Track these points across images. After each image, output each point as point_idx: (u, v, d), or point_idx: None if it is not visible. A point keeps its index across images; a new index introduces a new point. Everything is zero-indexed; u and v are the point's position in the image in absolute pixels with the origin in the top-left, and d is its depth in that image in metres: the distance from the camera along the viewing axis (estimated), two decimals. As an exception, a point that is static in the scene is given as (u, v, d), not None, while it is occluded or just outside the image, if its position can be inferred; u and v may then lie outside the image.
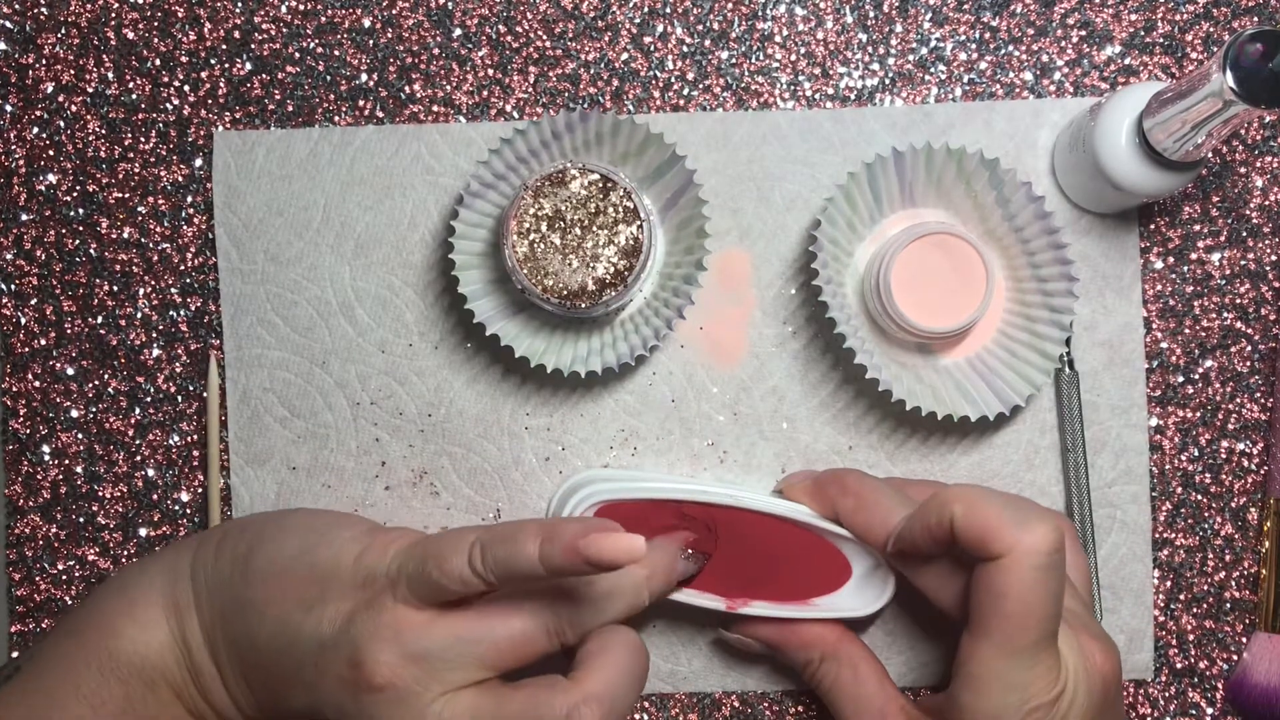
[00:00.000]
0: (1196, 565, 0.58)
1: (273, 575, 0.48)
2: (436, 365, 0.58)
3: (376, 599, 0.46)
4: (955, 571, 0.48)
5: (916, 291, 0.53)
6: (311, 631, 0.47)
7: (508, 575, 0.45)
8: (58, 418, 0.59)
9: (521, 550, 0.45)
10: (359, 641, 0.46)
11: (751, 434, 0.57)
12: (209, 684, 0.50)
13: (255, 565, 0.49)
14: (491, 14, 0.58)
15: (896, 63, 0.58)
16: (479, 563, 0.45)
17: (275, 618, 0.48)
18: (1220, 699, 0.58)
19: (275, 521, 0.51)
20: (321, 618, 0.47)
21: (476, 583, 0.45)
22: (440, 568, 0.45)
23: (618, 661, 0.47)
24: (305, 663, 0.47)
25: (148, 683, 0.49)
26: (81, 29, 0.59)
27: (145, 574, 0.51)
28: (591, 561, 0.44)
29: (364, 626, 0.46)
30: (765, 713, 0.58)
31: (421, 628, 0.46)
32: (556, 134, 0.54)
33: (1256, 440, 0.57)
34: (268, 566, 0.49)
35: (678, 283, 0.55)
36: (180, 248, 0.59)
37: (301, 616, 0.47)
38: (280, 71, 0.59)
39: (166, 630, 0.49)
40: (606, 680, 0.46)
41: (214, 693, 0.50)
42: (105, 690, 0.48)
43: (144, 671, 0.49)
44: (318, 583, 0.48)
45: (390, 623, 0.46)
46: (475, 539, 0.46)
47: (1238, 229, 0.57)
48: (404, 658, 0.45)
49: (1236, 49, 0.44)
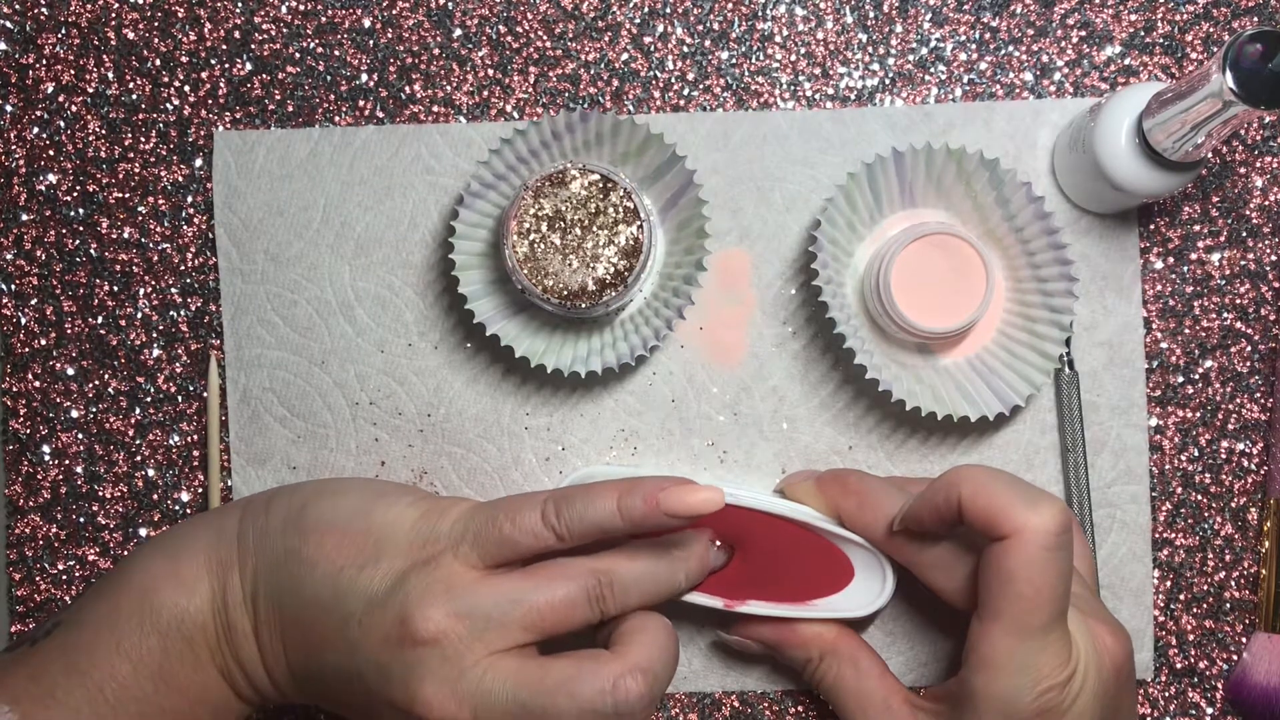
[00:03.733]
0: (1196, 565, 0.58)
1: (326, 530, 0.49)
2: (436, 365, 0.58)
3: (434, 557, 0.47)
4: (960, 556, 0.48)
5: (916, 291, 0.53)
6: (364, 588, 0.47)
7: (583, 528, 0.47)
8: (58, 418, 0.59)
9: (601, 503, 0.47)
10: (411, 596, 0.46)
11: (751, 434, 0.57)
12: (241, 642, 0.50)
13: (309, 519, 0.49)
14: (491, 14, 0.58)
15: (896, 63, 0.58)
16: (553, 515, 0.47)
17: (326, 573, 0.48)
18: (1220, 699, 0.58)
19: (334, 482, 0.52)
20: (374, 575, 0.47)
21: (549, 536, 0.47)
22: (513, 519, 0.47)
23: (658, 639, 0.48)
24: (350, 619, 0.47)
25: (186, 639, 0.49)
26: (81, 29, 0.59)
27: (191, 532, 0.51)
28: (671, 512, 0.46)
29: (417, 582, 0.46)
30: (765, 713, 0.58)
31: (472, 584, 0.46)
32: (556, 134, 0.54)
33: (1256, 440, 0.57)
34: (321, 522, 0.49)
35: (678, 283, 0.55)
36: (180, 248, 0.59)
37: (354, 573, 0.47)
38: (280, 71, 0.59)
39: (208, 588, 0.49)
40: (649, 655, 0.47)
41: (245, 651, 0.50)
42: (144, 645, 0.48)
43: (183, 628, 0.49)
44: (374, 541, 0.48)
45: (443, 578, 0.46)
46: (549, 495, 0.48)
47: (1238, 229, 0.57)
48: (452, 614, 0.46)
49: (1236, 49, 0.44)
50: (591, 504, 0.47)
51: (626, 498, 0.47)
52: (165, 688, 0.48)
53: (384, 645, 0.46)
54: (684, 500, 0.46)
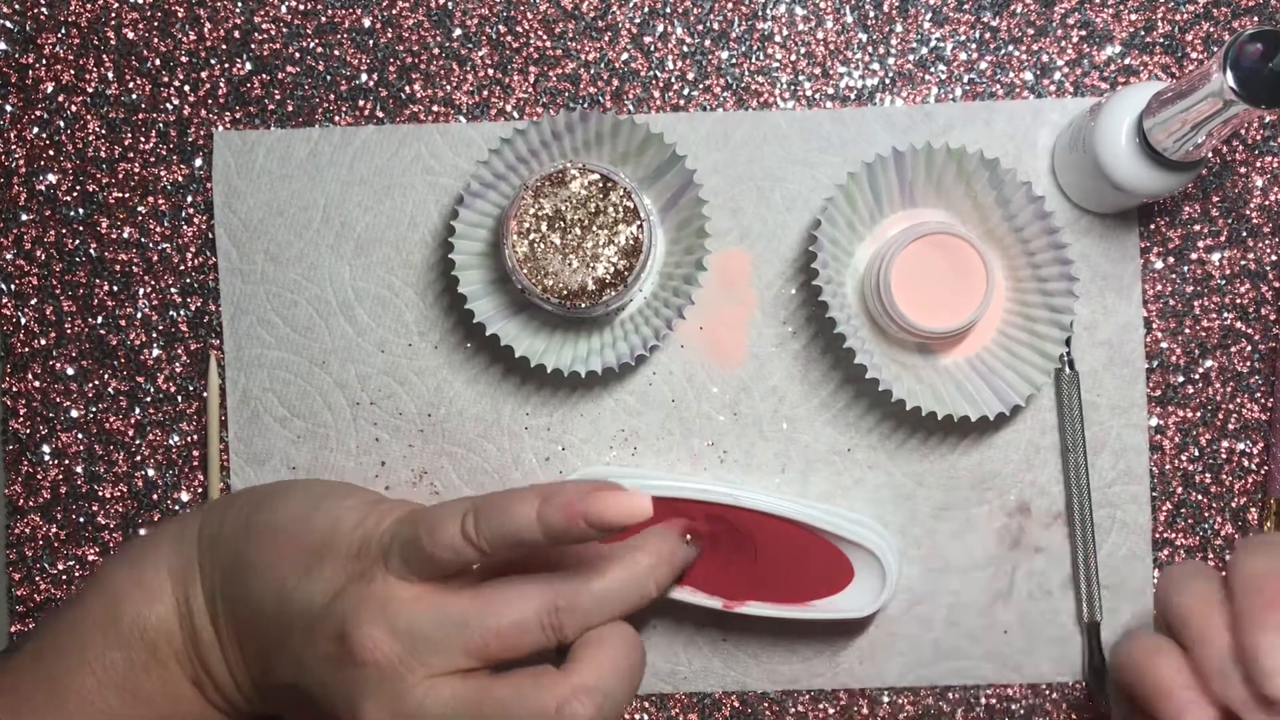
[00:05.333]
0: (1196, 565, 0.58)
1: (271, 535, 0.46)
2: (436, 365, 0.58)
3: (368, 569, 0.44)
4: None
5: (916, 291, 0.53)
6: (303, 598, 0.45)
7: (502, 541, 0.42)
8: (58, 418, 0.59)
9: (518, 512, 0.42)
10: (346, 613, 0.43)
11: (751, 434, 0.57)
12: (207, 651, 0.48)
13: (256, 523, 0.47)
14: (491, 14, 0.58)
15: (896, 63, 0.58)
16: (471, 528, 0.43)
17: (271, 579, 0.46)
18: (1220, 699, 0.58)
19: (284, 485, 0.50)
20: (313, 585, 0.45)
21: (468, 550, 0.43)
22: (431, 534, 0.43)
23: (613, 655, 0.44)
24: (292, 630, 0.45)
25: (150, 649, 0.47)
26: (81, 29, 0.59)
27: (153, 541, 0.50)
28: (593, 522, 0.41)
29: (352, 598, 0.43)
30: (765, 713, 0.58)
31: (409, 602, 0.43)
32: (556, 134, 0.54)
33: (1256, 440, 0.57)
34: (268, 526, 0.47)
35: (678, 283, 0.55)
36: (180, 248, 0.59)
37: (295, 581, 0.45)
38: (280, 71, 0.59)
39: (171, 596, 0.48)
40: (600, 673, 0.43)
41: (212, 660, 0.48)
42: (108, 656, 0.46)
43: (146, 637, 0.47)
44: (314, 547, 0.46)
45: (379, 594, 0.43)
46: (470, 504, 0.43)
47: (1238, 229, 0.57)
48: (389, 633, 0.43)
49: (1236, 49, 0.44)
50: (510, 514, 0.42)
51: (545, 507, 0.42)
52: (132, 699, 0.47)
53: (324, 662, 0.44)
54: (607, 509, 0.41)
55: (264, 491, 0.50)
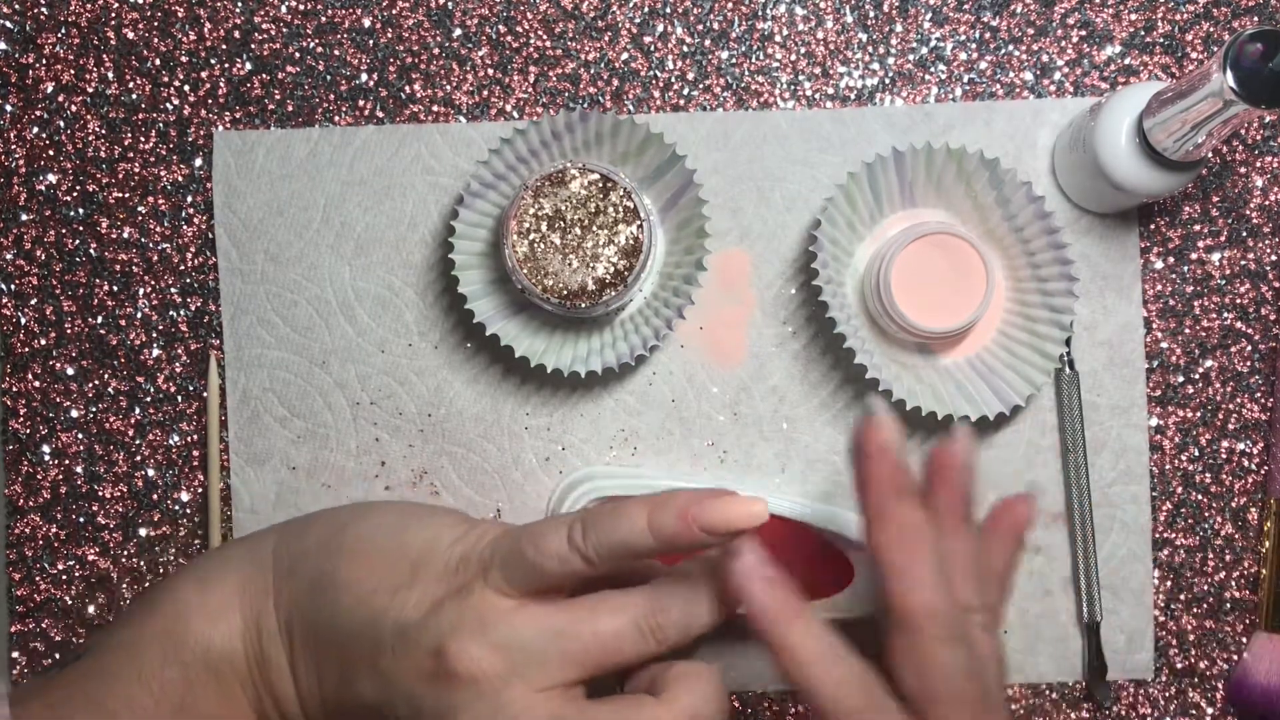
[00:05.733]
0: (1196, 565, 0.58)
1: (362, 553, 0.46)
2: (436, 365, 0.58)
3: (467, 585, 0.44)
4: None
5: (916, 291, 0.53)
6: (396, 615, 0.44)
7: (610, 550, 0.42)
8: (58, 418, 0.59)
9: (628, 520, 0.42)
10: (444, 628, 0.43)
11: (751, 434, 0.57)
12: (275, 675, 0.47)
13: (345, 540, 0.46)
14: (491, 14, 0.58)
15: (896, 63, 0.58)
16: (579, 537, 0.42)
17: (359, 597, 0.45)
18: (1220, 699, 0.58)
19: (368, 504, 0.50)
20: (407, 601, 0.44)
21: (575, 560, 0.42)
22: (536, 544, 0.43)
23: (708, 691, 0.43)
24: (383, 647, 0.44)
25: (212, 671, 0.46)
26: (81, 29, 0.59)
27: (223, 559, 0.49)
28: (707, 526, 0.41)
29: (450, 613, 0.43)
30: (765, 713, 0.58)
31: (508, 614, 0.43)
32: (556, 134, 0.54)
33: (1256, 440, 0.57)
34: (358, 543, 0.46)
35: (678, 283, 0.55)
36: (180, 248, 0.59)
37: (387, 599, 0.44)
38: (280, 71, 0.59)
39: (239, 617, 0.47)
40: (696, 703, 0.42)
41: (280, 685, 0.47)
42: (166, 675, 0.45)
43: (208, 658, 0.46)
44: (409, 565, 0.45)
45: (477, 608, 0.43)
46: (577, 516, 0.43)
47: (1238, 229, 0.57)
48: (490, 648, 0.42)
49: (1236, 49, 0.44)
50: (620, 522, 0.42)
51: (657, 513, 0.42)
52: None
53: (417, 678, 0.43)
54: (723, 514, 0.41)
55: (347, 512, 0.49)
